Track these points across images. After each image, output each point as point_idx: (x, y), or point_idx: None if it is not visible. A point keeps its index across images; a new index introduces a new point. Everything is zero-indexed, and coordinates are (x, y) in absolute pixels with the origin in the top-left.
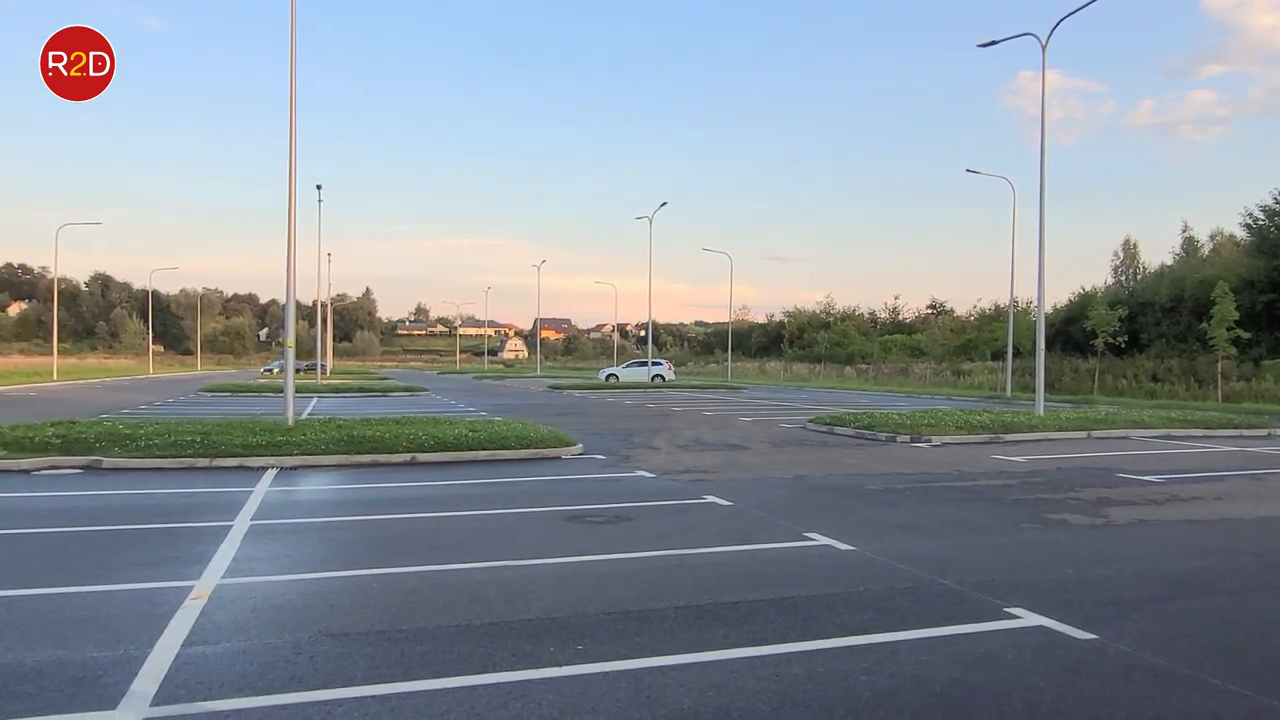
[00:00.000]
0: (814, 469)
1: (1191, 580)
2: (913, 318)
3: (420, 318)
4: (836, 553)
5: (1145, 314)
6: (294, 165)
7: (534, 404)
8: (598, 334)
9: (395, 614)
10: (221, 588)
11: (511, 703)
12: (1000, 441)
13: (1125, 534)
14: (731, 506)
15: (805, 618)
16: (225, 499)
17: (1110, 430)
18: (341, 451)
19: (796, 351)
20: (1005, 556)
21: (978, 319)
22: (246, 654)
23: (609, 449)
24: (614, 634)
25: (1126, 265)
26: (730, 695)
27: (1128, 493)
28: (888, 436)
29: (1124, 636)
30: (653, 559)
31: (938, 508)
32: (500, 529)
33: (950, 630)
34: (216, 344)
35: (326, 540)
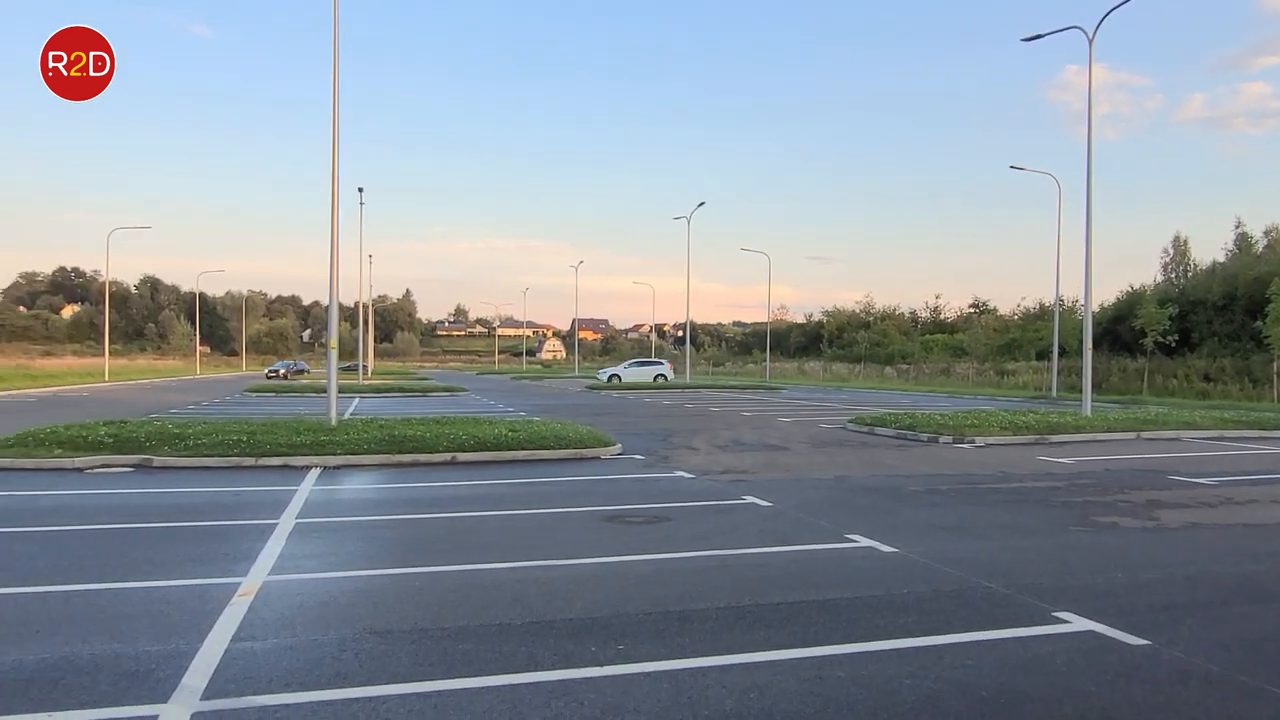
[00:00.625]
0: (855, 470)
1: (1247, 585)
2: (954, 317)
3: (459, 318)
4: (879, 554)
5: (1196, 312)
6: (337, 169)
7: (572, 404)
8: (635, 334)
9: (438, 612)
10: (268, 584)
11: (553, 701)
12: (1046, 442)
13: (1177, 537)
14: (771, 507)
15: (848, 620)
16: (271, 497)
17: (1160, 431)
18: (383, 451)
19: (836, 351)
20: (1053, 559)
21: (1022, 318)
22: (293, 650)
23: (648, 449)
24: (655, 634)
25: (1176, 262)
26: (772, 697)
27: (1180, 495)
28: (930, 437)
29: (1178, 642)
30: (693, 559)
31: (982, 509)
32: (540, 528)
33: (997, 634)
34: (261, 345)
35: (369, 539)
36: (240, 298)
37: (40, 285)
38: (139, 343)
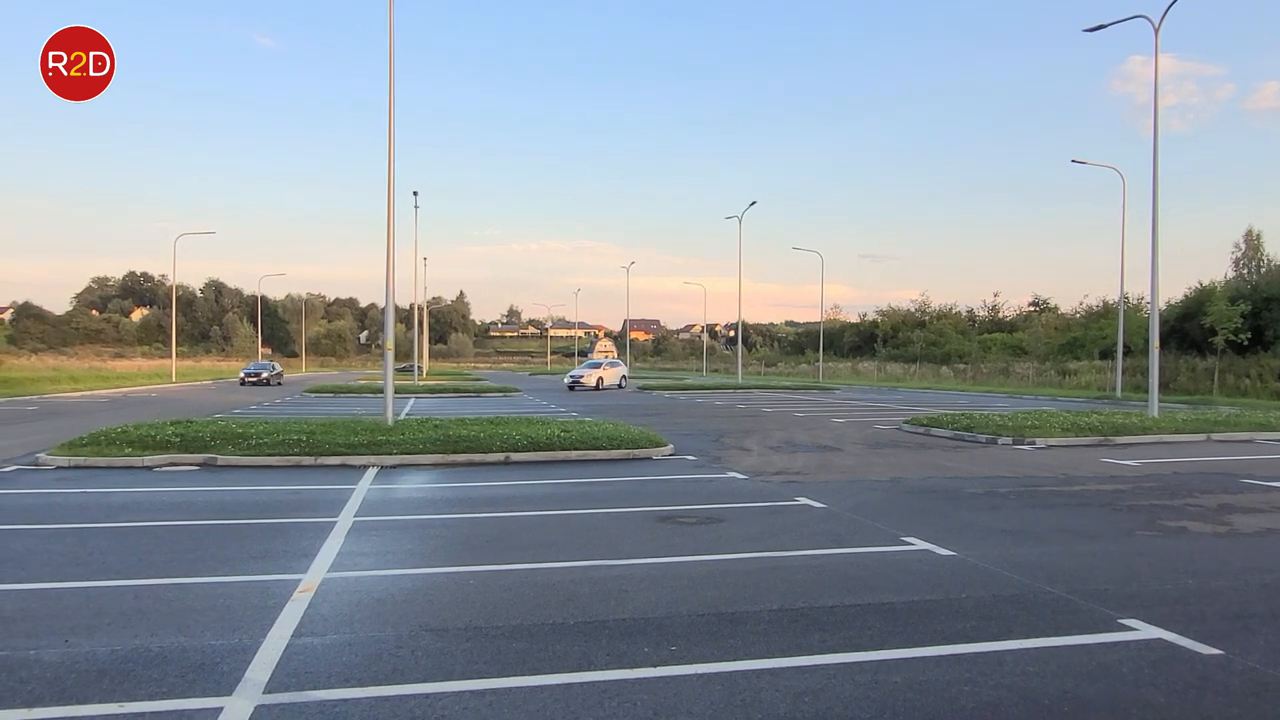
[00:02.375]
0: (911, 471)
1: None
2: (1013, 315)
3: (512, 319)
4: (936, 558)
5: (1271, 309)
6: (392, 174)
7: (624, 405)
8: (686, 334)
9: (492, 610)
10: (328, 581)
11: (606, 702)
12: (1110, 444)
13: (1251, 543)
14: (825, 509)
15: (904, 624)
16: (329, 496)
17: (1232, 433)
18: (438, 451)
19: (890, 351)
20: (1119, 565)
21: (1084, 316)
22: (352, 646)
23: (700, 450)
24: (708, 636)
25: (1249, 258)
26: (827, 701)
27: (1253, 499)
28: (988, 438)
29: (1253, 652)
30: (746, 561)
31: (1043, 513)
32: (593, 529)
33: (1060, 641)
34: (319, 346)
35: (425, 537)
36: (300, 300)
37: (111, 290)
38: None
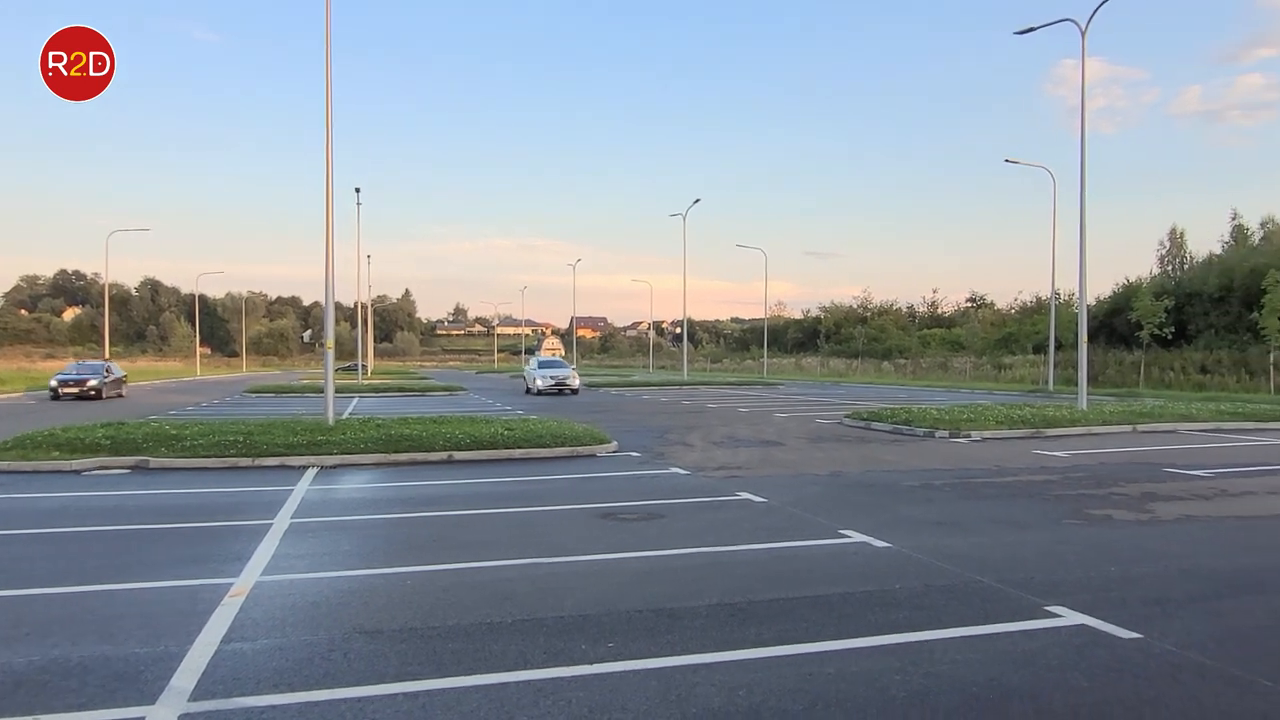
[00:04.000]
0: (850, 465)
1: (1241, 578)
2: (952, 311)
3: (459, 318)
4: (873, 550)
5: (1193, 304)
6: (331, 169)
7: (570, 402)
8: (633, 332)
9: (429, 611)
10: (260, 585)
11: (541, 700)
12: (1042, 436)
13: (1171, 530)
14: (766, 503)
15: (839, 616)
16: (266, 498)
17: (1156, 424)
18: (380, 450)
19: (833, 347)
20: (1046, 554)
21: (1019, 312)
22: (283, 650)
23: (644, 446)
24: (645, 632)
25: (1173, 255)
26: (761, 695)
27: (1174, 488)
28: (926, 432)
29: (1170, 635)
30: (686, 556)
31: (977, 504)
32: (534, 526)
33: (988, 629)
34: (261, 346)
35: (364, 538)
36: (240, 299)
37: (41, 288)
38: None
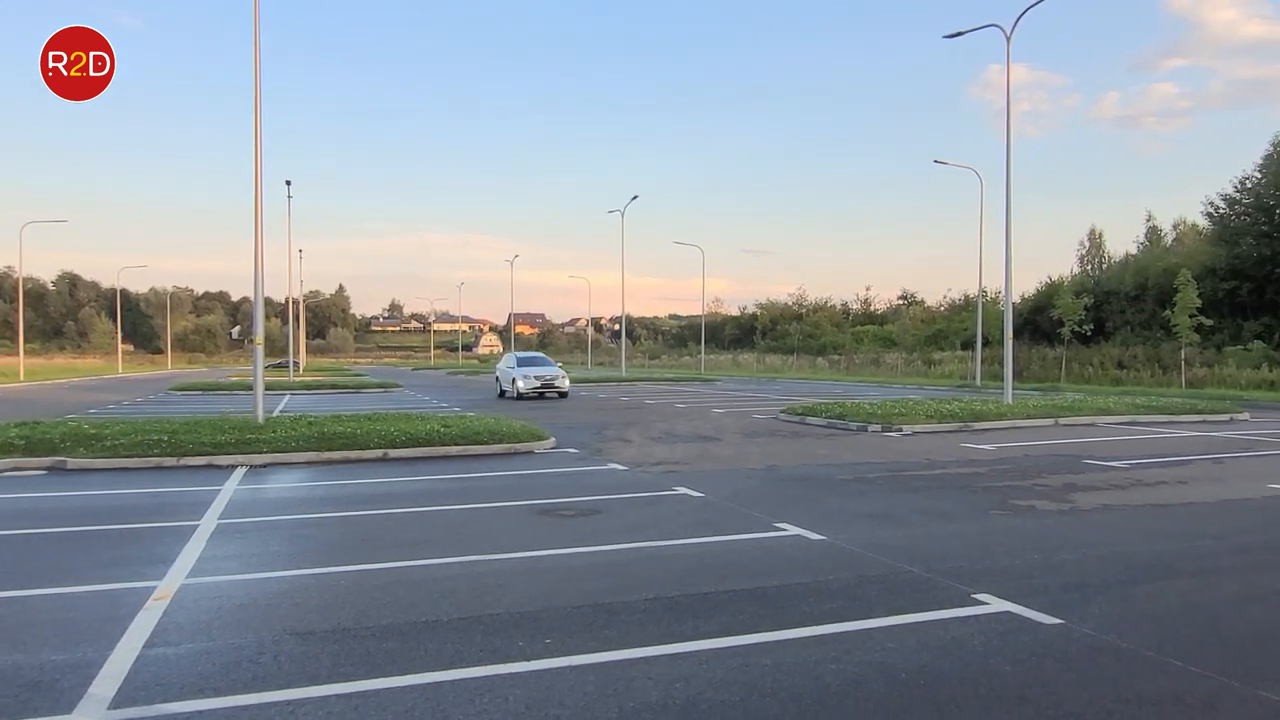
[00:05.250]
0: (786, 459)
1: (1154, 563)
2: (884, 308)
3: (394, 314)
4: (807, 542)
5: (1111, 302)
6: (259, 158)
7: (507, 399)
8: (572, 328)
9: (363, 611)
10: (186, 588)
11: (478, 698)
12: (970, 430)
13: (1090, 519)
14: (703, 498)
15: (775, 608)
16: (192, 498)
17: (1077, 417)
18: (312, 449)
19: (769, 343)
20: (973, 543)
21: (948, 309)
22: (209, 654)
23: (582, 443)
24: (583, 627)
25: (1092, 255)
26: (698, 687)
27: (1093, 478)
28: (859, 426)
29: (1088, 620)
30: (624, 551)
31: (908, 496)
32: (471, 524)
33: (918, 617)
34: (187, 342)
35: (295, 538)
36: (165, 294)
37: None
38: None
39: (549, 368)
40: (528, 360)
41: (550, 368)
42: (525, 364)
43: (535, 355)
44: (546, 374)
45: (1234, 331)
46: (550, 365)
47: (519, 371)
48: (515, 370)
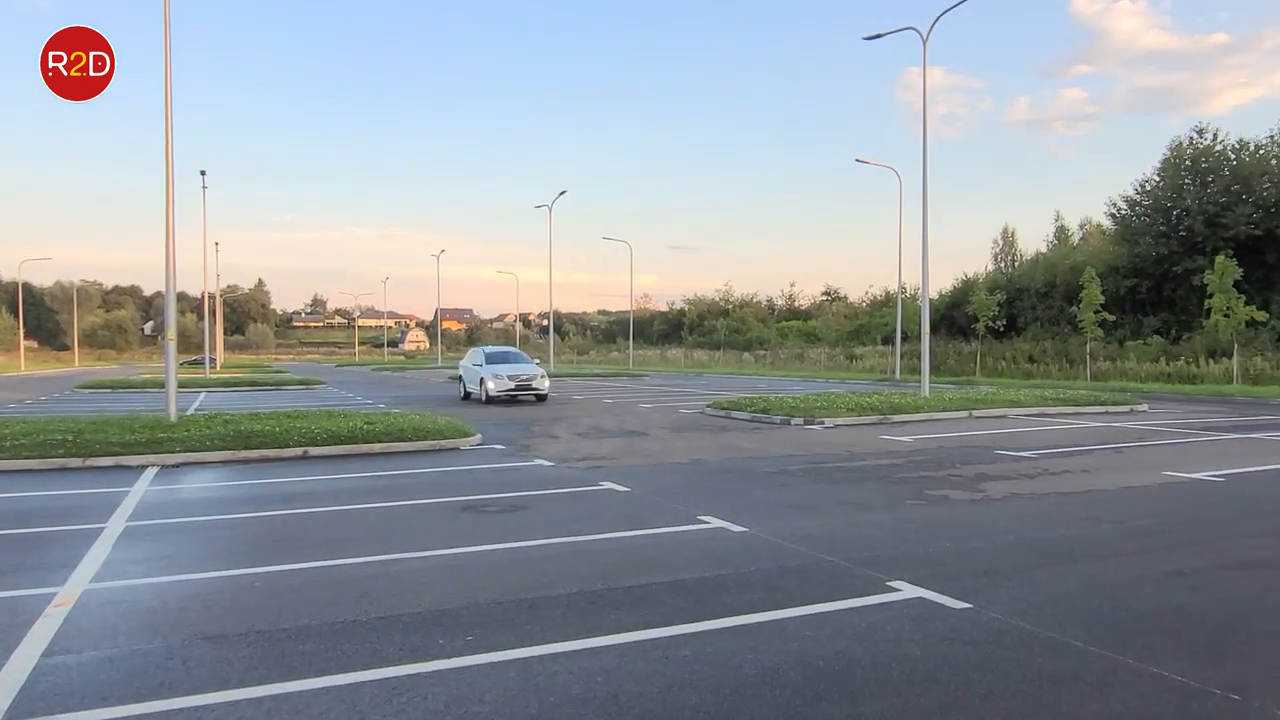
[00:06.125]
0: (710, 453)
1: (1058, 549)
2: (808, 304)
3: (317, 309)
4: (730, 534)
5: (1022, 299)
6: (170, 143)
7: (434, 395)
8: (500, 324)
9: (278, 613)
10: (89, 593)
11: (396, 698)
12: (889, 422)
13: (1000, 507)
14: (628, 492)
15: (696, 599)
16: (99, 500)
17: (989, 410)
18: (229, 447)
19: (697, 339)
20: (889, 532)
21: (870, 305)
22: (113, 661)
23: (508, 438)
24: (505, 623)
25: (1006, 253)
26: (619, 679)
27: (1003, 468)
28: (782, 420)
29: (995, 604)
30: (547, 546)
31: (828, 488)
32: (393, 521)
33: (835, 606)
34: (96, 339)
35: (208, 539)
36: (72, 288)
37: None
38: None
39: (524, 365)
40: (498, 356)
41: (525, 365)
42: (496, 361)
43: (507, 350)
44: (522, 372)
45: (1135, 327)
46: (525, 362)
47: (488, 370)
48: (484, 369)
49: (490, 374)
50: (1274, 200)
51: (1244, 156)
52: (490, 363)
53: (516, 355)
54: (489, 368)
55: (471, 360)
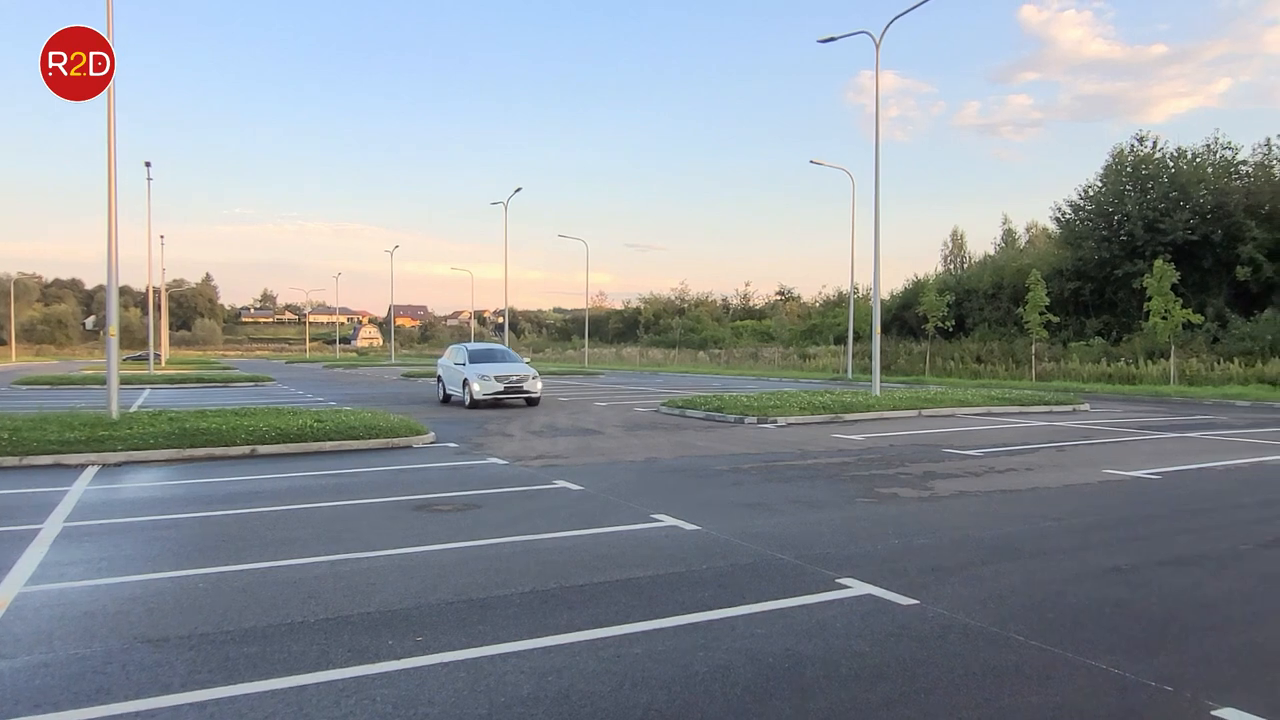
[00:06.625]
0: (665, 452)
1: (1002, 545)
2: (763, 304)
3: (267, 305)
4: (683, 533)
5: (970, 300)
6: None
7: (386, 393)
8: (455, 321)
9: (223, 615)
10: (24, 596)
11: (344, 700)
12: (840, 421)
13: (947, 505)
14: (582, 491)
15: (648, 598)
16: (36, 500)
17: (938, 409)
18: (173, 445)
19: (652, 337)
20: (840, 530)
21: (823, 305)
22: (49, 667)
23: (462, 437)
24: (456, 623)
25: (955, 254)
26: (570, 678)
27: (951, 466)
28: (736, 418)
29: (941, 600)
30: (500, 545)
31: (781, 486)
32: (343, 521)
33: (785, 603)
34: (35, 334)
35: (151, 540)
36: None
37: None
38: None
39: (513, 364)
40: (484, 355)
41: (515, 364)
42: (481, 359)
43: (493, 347)
44: (511, 372)
45: (1078, 328)
46: (514, 360)
47: (473, 370)
48: (468, 369)
49: (475, 374)
50: (1209, 207)
51: (1181, 164)
52: (475, 361)
53: (504, 353)
54: (474, 367)
55: (453, 359)
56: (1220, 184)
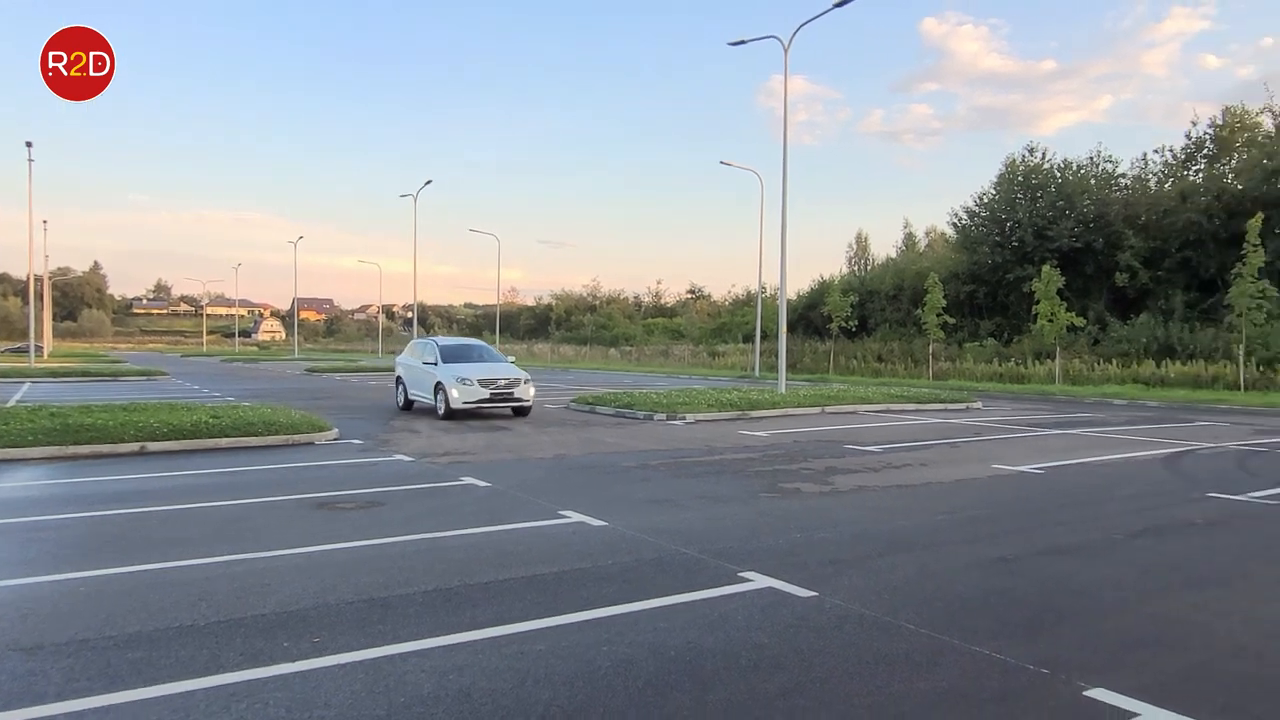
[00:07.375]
0: (574, 448)
1: (897, 538)
2: (674, 302)
3: (161, 296)
4: (589, 529)
5: (873, 301)
6: None
7: (289, 388)
8: (363, 315)
9: (105, 619)
10: None
11: (234, 705)
12: (747, 418)
13: (847, 499)
14: (490, 487)
15: (553, 594)
16: None
17: (841, 406)
18: (54, 442)
19: (564, 334)
20: (744, 525)
21: (732, 304)
22: None
23: (367, 433)
24: (356, 624)
25: (859, 256)
26: (472, 676)
27: (851, 462)
28: (645, 415)
29: (839, 592)
30: (403, 544)
31: (687, 482)
32: (239, 520)
33: (689, 597)
34: None
35: (27, 542)
36: None
37: None
38: None
39: (498, 364)
40: (459, 352)
41: (500, 364)
42: (456, 357)
43: (470, 343)
44: (498, 375)
45: (973, 329)
46: (499, 360)
47: (448, 372)
48: (440, 370)
49: (453, 377)
50: (1092, 216)
51: (1068, 175)
52: (450, 360)
53: (483, 350)
54: (450, 368)
55: (419, 357)
56: (1102, 195)
